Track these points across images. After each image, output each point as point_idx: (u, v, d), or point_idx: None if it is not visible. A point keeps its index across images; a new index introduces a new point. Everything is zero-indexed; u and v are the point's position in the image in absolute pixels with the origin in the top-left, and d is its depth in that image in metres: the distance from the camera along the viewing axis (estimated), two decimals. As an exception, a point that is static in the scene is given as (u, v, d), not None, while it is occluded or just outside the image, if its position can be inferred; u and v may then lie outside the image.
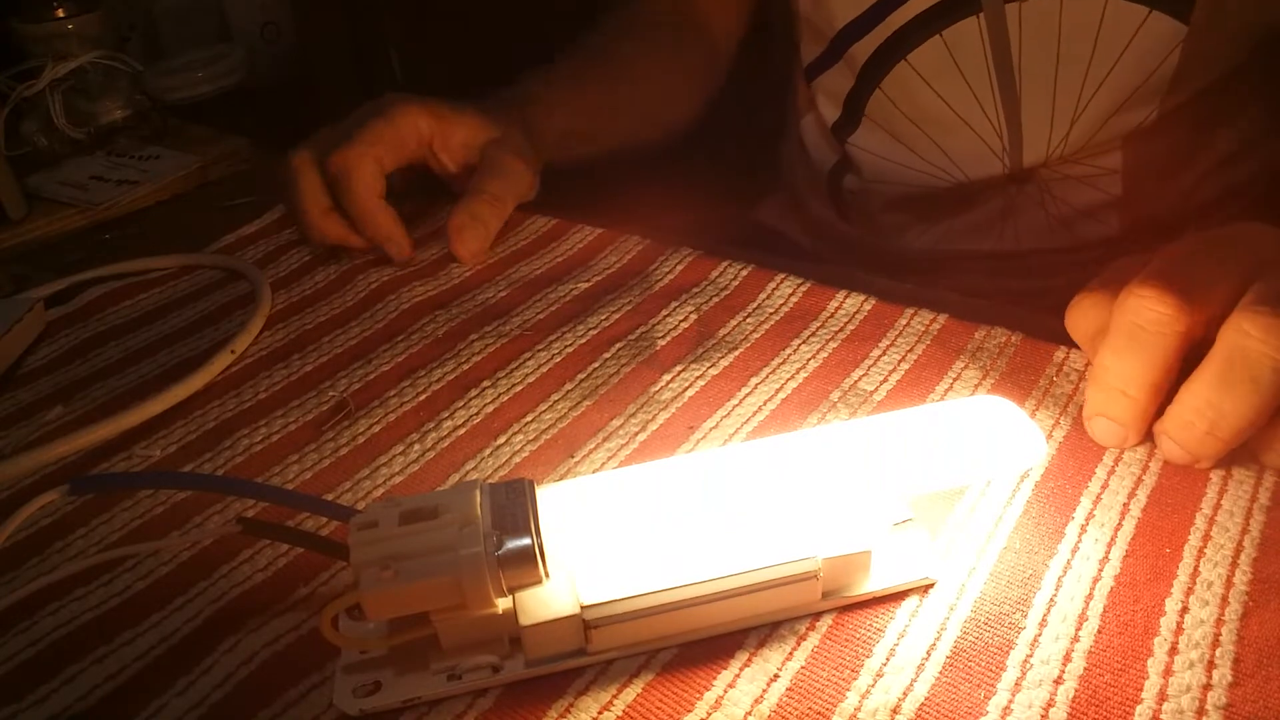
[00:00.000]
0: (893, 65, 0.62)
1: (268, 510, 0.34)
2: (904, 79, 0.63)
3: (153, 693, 0.28)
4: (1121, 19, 0.55)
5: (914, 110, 0.64)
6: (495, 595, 0.25)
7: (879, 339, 0.40)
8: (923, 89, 0.62)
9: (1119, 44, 0.56)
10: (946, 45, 0.60)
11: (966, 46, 0.59)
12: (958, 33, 0.59)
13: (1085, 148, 0.60)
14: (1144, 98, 0.57)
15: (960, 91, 0.61)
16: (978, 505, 0.31)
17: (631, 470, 0.28)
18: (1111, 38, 0.56)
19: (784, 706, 0.25)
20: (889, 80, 0.63)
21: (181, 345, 0.46)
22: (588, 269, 0.49)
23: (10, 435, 0.41)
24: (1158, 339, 0.31)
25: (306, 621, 0.30)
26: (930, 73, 0.62)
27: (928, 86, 0.62)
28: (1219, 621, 0.26)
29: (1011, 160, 0.62)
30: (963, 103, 0.62)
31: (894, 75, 0.63)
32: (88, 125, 0.70)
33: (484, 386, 0.40)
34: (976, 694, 0.25)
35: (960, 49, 0.60)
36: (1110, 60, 0.56)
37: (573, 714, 0.26)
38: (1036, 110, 0.60)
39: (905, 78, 0.62)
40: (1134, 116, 0.58)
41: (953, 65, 0.60)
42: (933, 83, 0.62)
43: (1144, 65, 0.56)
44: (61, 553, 0.34)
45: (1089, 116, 0.59)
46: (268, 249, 0.55)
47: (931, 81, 0.62)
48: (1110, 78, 0.57)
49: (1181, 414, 0.31)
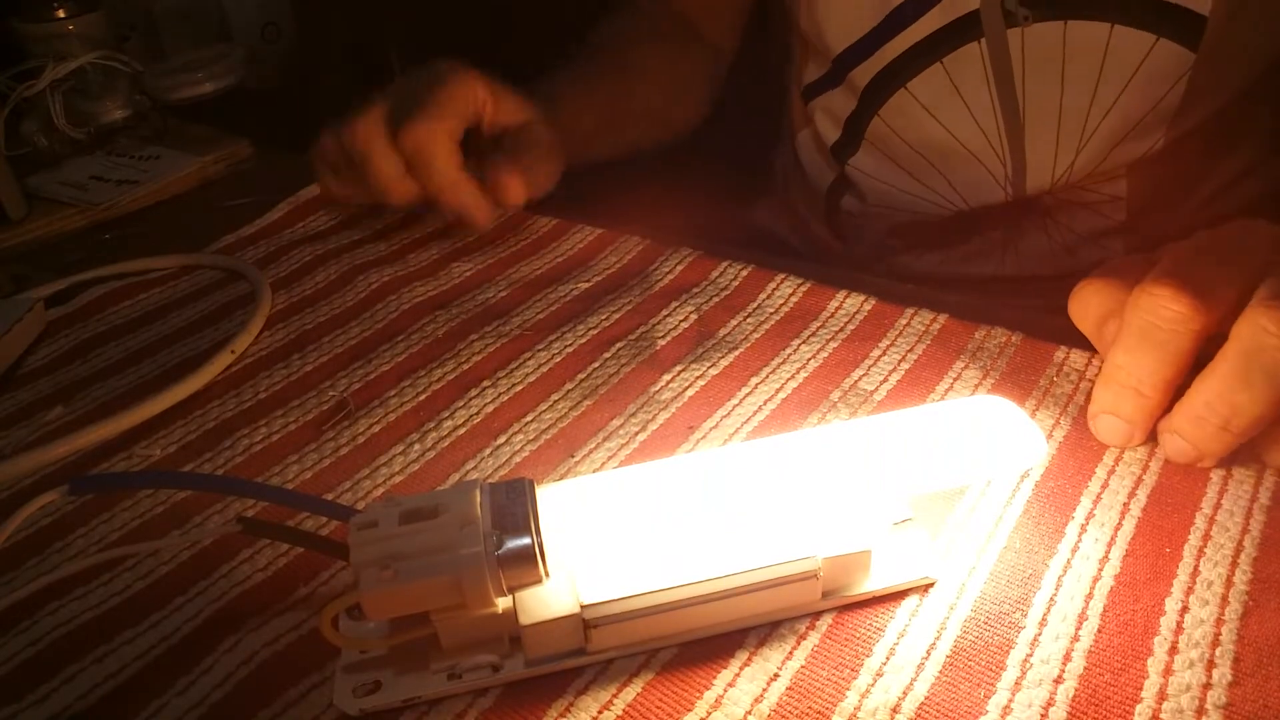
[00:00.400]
0: (892, 92, 0.62)
1: (268, 510, 0.34)
2: (904, 106, 0.62)
3: (153, 692, 0.28)
4: (1128, 46, 0.54)
5: (915, 137, 0.63)
6: (495, 595, 0.25)
7: (879, 339, 0.40)
8: (924, 117, 0.61)
9: (1125, 71, 0.55)
10: (948, 73, 0.59)
11: (968, 73, 0.59)
12: (959, 59, 0.58)
13: (1090, 175, 0.60)
14: (1151, 126, 0.57)
15: (963, 119, 0.60)
16: (978, 505, 0.31)
17: (631, 470, 0.28)
18: (1117, 65, 0.55)
19: (784, 706, 0.25)
20: (888, 107, 0.62)
21: (181, 345, 0.46)
22: (588, 269, 0.49)
23: (10, 435, 0.41)
24: (1172, 337, 0.30)
25: (306, 621, 0.30)
26: (931, 101, 0.61)
27: (929, 114, 0.61)
28: (1219, 621, 0.26)
29: (1015, 188, 0.61)
30: (965, 130, 0.61)
31: (894, 102, 0.62)
32: (88, 125, 0.70)
33: (484, 386, 0.40)
34: (976, 693, 0.25)
35: (962, 76, 0.59)
36: (1117, 88, 0.55)
37: (573, 713, 0.26)
38: (1041, 138, 0.59)
39: (905, 105, 0.62)
40: (1141, 145, 0.57)
41: (954, 93, 0.60)
42: (934, 111, 0.61)
43: (1151, 93, 0.55)
44: (61, 553, 0.34)
45: (1094, 144, 0.58)
46: (268, 249, 0.55)
47: (933, 109, 0.61)
48: (1116, 106, 0.56)
49: (1194, 409, 0.31)
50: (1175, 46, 0.53)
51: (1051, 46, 0.56)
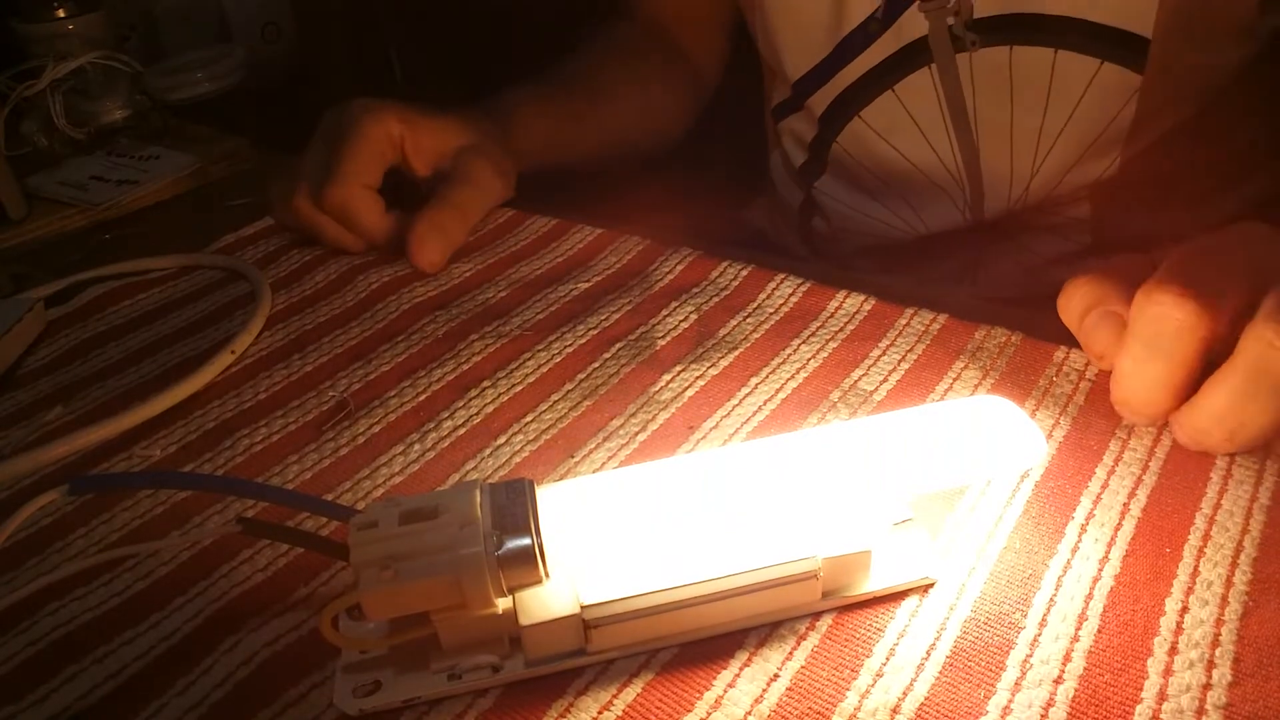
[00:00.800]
0: (848, 120, 0.62)
1: (268, 510, 0.34)
2: (860, 133, 0.62)
3: (153, 693, 0.28)
4: (1073, 70, 0.54)
5: (873, 163, 0.63)
6: (495, 595, 0.25)
7: (879, 339, 0.40)
8: (878, 143, 0.62)
9: (1073, 95, 0.55)
10: (899, 99, 0.59)
11: (920, 99, 0.59)
12: (910, 86, 0.58)
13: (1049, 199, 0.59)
14: (1103, 148, 0.56)
15: (918, 144, 0.60)
16: (978, 505, 0.31)
17: (631, 470, 0.28)
18: (1064, 89, 0.55)
19: (784, 706, 0.25)
20: (845, 134, 0.63)
21: (181, 345, 0.46)
22: (588, 269, 0.49)
23: (10, 435, 0.41)
24: (1178, 346, 0.30)
25: (306, 621, 0.30)
26: (884, 127, 0.61)
27: (884, 140, 0.61)
28: (1219, 621, 0.26)
29: (974, 212, 0.61)
30: (921, 155, 0.61)
31: (850, 129, 0.62)
32: (88, 125, 0.70)
33: (484, 386, 0.40)
34: (976, 694, 0.25)
35: (914, 102, 0.59)
36: (1066, 111, 0.55)
37: (573, 714, 0.26)
38: (996, 161, 0.59)
39: (861, 132, 0.62)
40: (1095, 167, 0.57)
41: (908, 118, 0.60)
42: (888, 137, 0.61)
43: (1100, 115, 0.55)
44: (61, 553, 0.34)
45: (1050, 166, 0.58)
46: (268, 249, 0.55)
47: (887, 136, 0.61)
48: (1068, 128, 0.56)
49: (1200, 421, 0.31)
50: (1119, 69, 0.53)
51: (999, 71, 0.56)
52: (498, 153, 0.55)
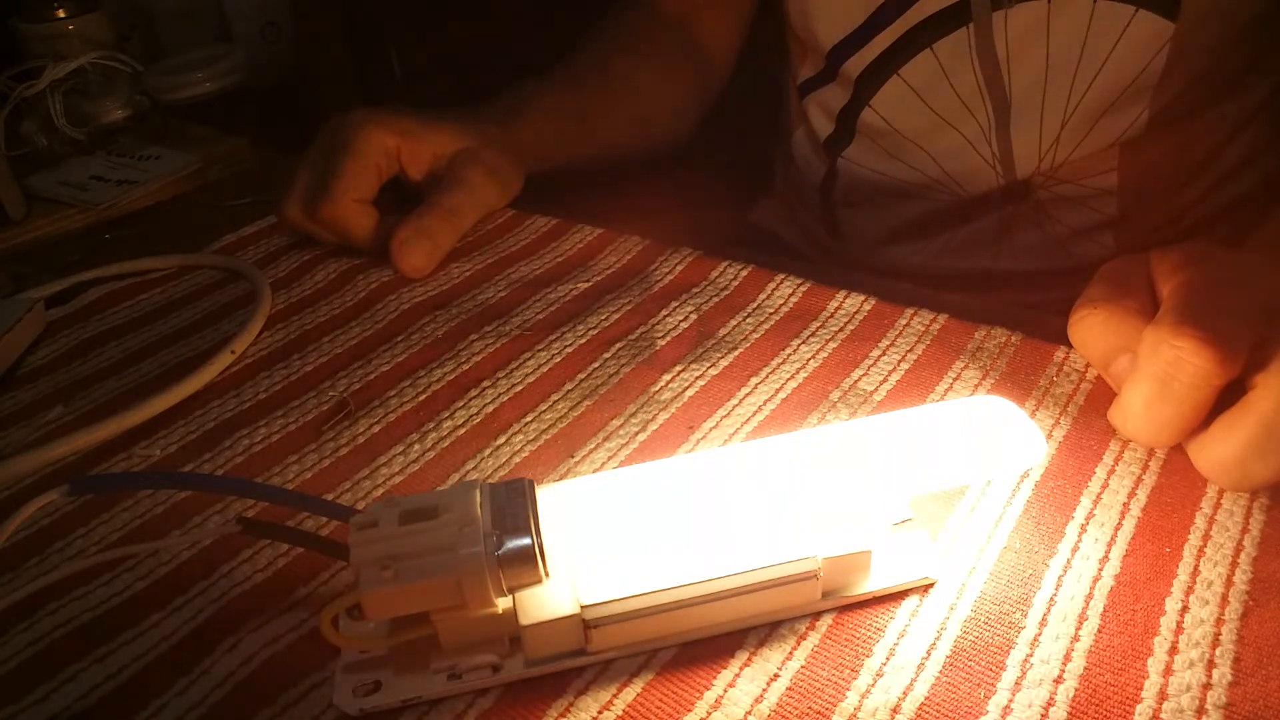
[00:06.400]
0: (885, 80, 0.63)
1: (268, 510, 0.34)
2: (895, 93, 0.63)
3: (153, 693, 0.28)
4: (1109, 19, 0.55)
5: (906, 124, 0.64)
6: (495, 595, 0.25)
7: (879, 339, 0.40)
8: (915, 102, 0.63)
9: (1107, 44, 0.56)
10: (937, 58, 0.60)
11: (957, 58, 0.60)
12: (948, 44, 0.60)
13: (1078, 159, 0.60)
14: (1132, 97, 0.58)
15: (951, 102, 0.61)
16: (978, 505, 0.31)
17: (631, 470, 0.28)
18: (1099, 39, 0.56)
19: (784, 706, 0.25)
20: (881, 95, 0.64)
21: (181, 345, 0.46)
22: (588, 269, 0.49)
23: (10, 435, 0.41)
24: (1192, 391, 0.29)
25: (306, 621, 0.30)
26: (921, 85, 0.62)
27: (920, 99, 0.62)
28: (1219, 621, 0.26)
29: (1004, 170, 0.62)
30: (954, 113, 0.62)
31: (886, 90, 0.63)
32: (88, 125, 0.70)
33: (484, 386, 0.40)
34: (976, 693, 0.25)
35: (950, 60, 0.60)
36: (1098, 61, 0.57)
37: (573, 714, 0.26)
38: (1026, 117, 0.60)
39: (898, 91, 0.63)
40: (1124, 118, 0.58)
41: (943, 77, 0.61)
42: (924, 95, 0.62)
43: (1132, 64, 0.56)
44: (61, 553, 0.34)
45: (1078, 118, 0.59)
46: (268, 249, 0.55)
47: (923, 94, 0.62)
48: (1099, 78, 0.57)
49: (1208, 468, 0.30)
50: (1154, 17, 0.55)
51: (1035, 26, 0.57)
52: (495, 156, 0.55)
